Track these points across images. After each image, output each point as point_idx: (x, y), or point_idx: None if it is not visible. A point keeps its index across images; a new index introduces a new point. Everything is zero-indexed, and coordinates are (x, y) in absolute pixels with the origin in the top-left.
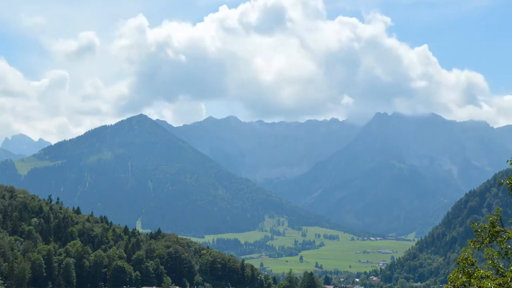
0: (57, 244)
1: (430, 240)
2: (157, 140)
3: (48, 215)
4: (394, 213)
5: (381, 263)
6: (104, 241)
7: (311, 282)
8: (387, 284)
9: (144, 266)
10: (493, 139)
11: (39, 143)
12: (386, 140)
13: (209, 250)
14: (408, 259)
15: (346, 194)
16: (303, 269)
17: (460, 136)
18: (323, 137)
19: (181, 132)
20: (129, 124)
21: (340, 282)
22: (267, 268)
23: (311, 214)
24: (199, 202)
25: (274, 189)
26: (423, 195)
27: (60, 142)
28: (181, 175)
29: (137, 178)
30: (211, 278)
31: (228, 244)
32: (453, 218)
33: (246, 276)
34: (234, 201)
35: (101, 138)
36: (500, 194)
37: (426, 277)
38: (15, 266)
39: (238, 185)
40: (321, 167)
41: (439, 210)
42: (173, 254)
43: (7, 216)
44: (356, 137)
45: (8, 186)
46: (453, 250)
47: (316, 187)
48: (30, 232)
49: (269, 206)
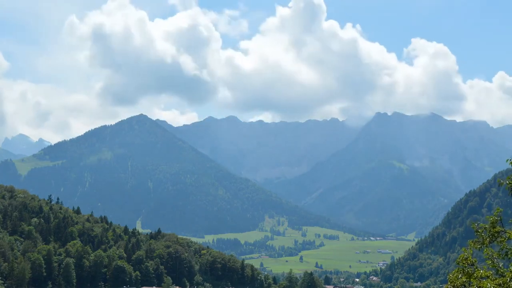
0: (57, 244)
1: (430, 240)
2: (157, 140)
3: (48, 215)
4: (394, 213)
5: (381, 263)
6: (104, 241)
7: (311, 282)
8: (387, 284)
9: (144, 266)
10: (493, 139)
11: (39, 143)
12: (386, 140)
13: (209, 250)
14: (408, 259)
15: (346, 194)
16: (303, 269)
17: (460, 136)
18: (323, 137)
19: (181, 132)
20: (129, 124)
21: (340, 282)
22: (267, 268)
23: (311, 214)
24: (199, 202)
25: (274, 189)
26: (423, 195)
27: (60, 142)
28: (181, 175)
29: (137, 178)
30: (211, 278)
31: (228, 244)
32: (453, 218)
33: (246, 276)
34: (234, 201)
35: (101, 138)
36: (500, 194)
37: (426, 277)
38: (15, 266)
39: (238, 185)
40: (321, 167)
41: (439, 210)
42: (173, 254)
43: (7, 216)
44: (356, 137)
45: (8, 186)
46: (453, 250)
47: (316, 187)
48: (30, 232)
49: (269, 206)
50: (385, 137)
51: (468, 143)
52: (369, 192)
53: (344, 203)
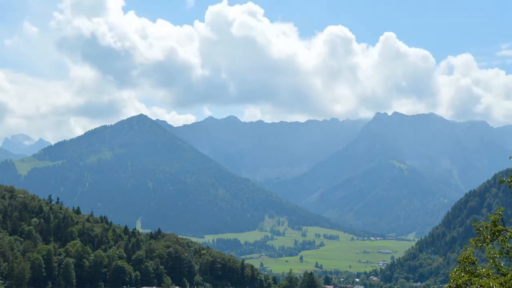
0: (57, 244)
1: (430, 240)
2: (157, 140)
3: (48, 215)
4: (394, 213)
5: (381, 263)
6: (104, 241)
7: (311, 282)
8: (387, 284)
9: (144, 266)
10: (493, 139)
11: (39, 143)
12: (386, 140)
13: (209, 250)
14: (408, 259)
15: (346, 194)
16: (303, 269)
17: (460, 136)
18: (323, 137)
19: (181, 132)
20: (129, 124)
21: (340, 282)
22: (267, 268)
23: (311, 214)
24: (199, 202)
25: (274, 189)
26: (423, 195)
27: (60, 142)
28: (181, 175)
29: (137, 178)
30: (211, 278)
31: (228, 244)
32: (453, 218)
33: (246, 276)
34: (234, 201)
35: (101, 138)
36: (500, 194)
37: (426, 277)
38: (15, 266)
39: (238, 185)
40: (321, 167)
41: (439, 210)
42: (173, 254)
43: (7, 216)
44: (356, 137)
45: (8, 186)
46: (453, 250)
47: (316, 187)
48: (30, 232)
49: (269, 206)
50: (385, 137)
51: (468, 143)
52: (369, 192)
53: (344, 203)
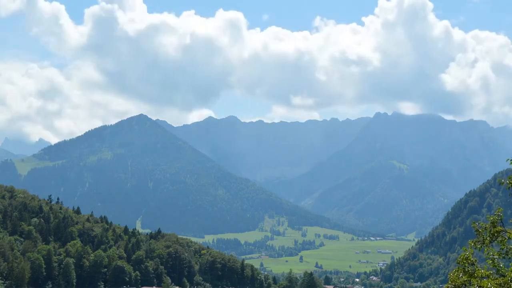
0: (57, 244)
1: (430, 240)
2: (157, 140)
3: (48, 215)
4: (394, 213)
5: (381, 263)
6: (104, 241)
7: (311, 282)
8: (387, 284)
9: (144, 266)
10: (493, 139)
11: (39, 143)
12: (386, 140)
13: (209, 250)
14: (408, 259)
15: (346, 194)
16: (303, 269)
17: (460, 136)
18: (323, 137)
19: (181, 132)
20: (129, 124)
21: (340, 282)
22: (267, 268)
23: (311, 214)
24: (199, 202)
25: (274, 189)
26: (423, 195)
27: (60, 142)
28: (181, 175)
29: (137, 178)
30: (211, 278)
31: (228, 244)
32: (453, 218)
33: (246, 276)
34: (234, 201)
35: (101, 138)
36: (500, 194)
37: (426, 277)
38: (15, 266)
39: (238, 185)
40: (321, 167)
41: (439, 210)
42: (173, 254)
43: (7, 216)
44: (356, 137)
45: (8, 186)
46: (453, 250)
47: (316, 187)
48: (30, 232)
49: (269, 206)
50: (385, 137)
51: (468, 143)
52: (369, 192)
53: (344, 203)
